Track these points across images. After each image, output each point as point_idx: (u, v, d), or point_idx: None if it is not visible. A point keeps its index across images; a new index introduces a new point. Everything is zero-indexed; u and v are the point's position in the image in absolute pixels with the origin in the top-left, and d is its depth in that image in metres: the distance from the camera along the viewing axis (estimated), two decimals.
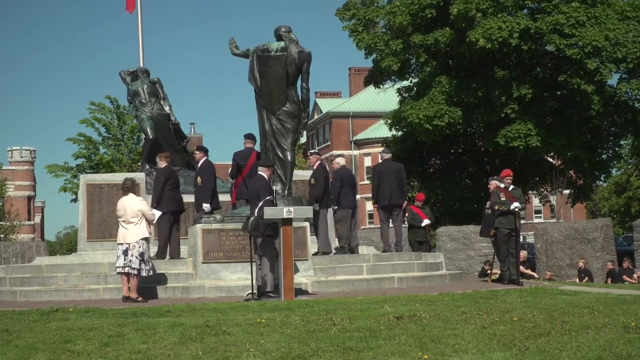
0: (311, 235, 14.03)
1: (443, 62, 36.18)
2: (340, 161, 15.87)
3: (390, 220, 16.36)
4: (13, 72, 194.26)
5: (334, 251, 15.32)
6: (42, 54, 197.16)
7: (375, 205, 16.64)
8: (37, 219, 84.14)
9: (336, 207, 15.19)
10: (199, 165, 14.94)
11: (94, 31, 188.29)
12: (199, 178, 14.64)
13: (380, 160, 16.05)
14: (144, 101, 17.94)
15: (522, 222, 15.91)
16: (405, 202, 16.71)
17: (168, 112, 18.15)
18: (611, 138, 37.21)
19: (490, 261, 18.01)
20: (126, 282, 12.35)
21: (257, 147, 15.35)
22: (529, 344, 7.08)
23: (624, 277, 20.46)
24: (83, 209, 16.76)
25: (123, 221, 12.53)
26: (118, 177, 16.86)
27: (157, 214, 13.76)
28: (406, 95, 37.40)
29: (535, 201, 50.21)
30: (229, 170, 15.11)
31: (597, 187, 54.58)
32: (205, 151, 15.09)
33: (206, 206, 14.42)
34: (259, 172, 12.71)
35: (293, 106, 14.24)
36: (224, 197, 16.36)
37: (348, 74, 75.48)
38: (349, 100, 70.82)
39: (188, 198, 16.68)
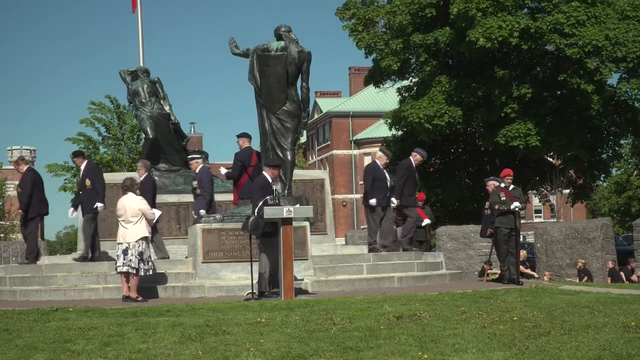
0: (311, 235, 14.04)
1: (443, 62, 36.17)
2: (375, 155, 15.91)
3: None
4: (13, 72, 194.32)
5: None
6: (42, 54, 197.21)
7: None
8: None
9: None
10: (83, 168, 15.09)
11: (94, 31, 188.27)
12: (87, 181, 14.79)
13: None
14: (144, 101, 17.95)
15: (522, 221, 15.88)
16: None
17: (168, 111, 18.16)
18: (611, 137, 37.18)
19: (489, 260, 17.98)
20: (126, 282, 12.35)
21: (253, 145, 15.34)
22: (528, 343, 7.08)
23: (624, 276, 20.46)
24: None
25: (123, 220, 12.53)
26: (118, 177, 16.86)
27: (157, 213, 13.77)
28: (406, 94, 37.39)
29: (535, 201, 50.19)
30: (231, 171, 15.12)
31: (597, 187, 54.57)
32: (83, 155, 15.39)
33: (100, 205, 14.63)
34: (263, 172, 12.74)
35: (293, 106, 14.25)
36: (226, 197, 16.38)
37: (348, 73, 75.45)
38: (348, 100, 70.80)
39: (189, 198, 16.70)
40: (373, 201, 15.19)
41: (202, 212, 14.60)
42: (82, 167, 15.15)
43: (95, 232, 14.99)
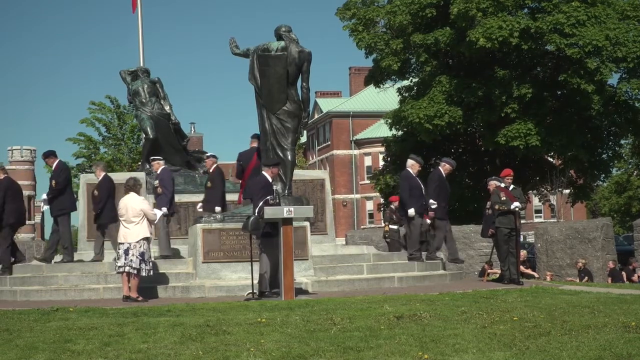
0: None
1: (443, 62, 36.18)
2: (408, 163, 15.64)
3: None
4: (13, 72, 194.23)
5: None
6: (42, 54, 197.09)
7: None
8: (37, 219, 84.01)
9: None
10: (53, 168, 15.40)
11: (94, 31, 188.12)
12: (53, 182, 15.17)
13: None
14: (144, 101, 17.95)
15: (522, 221, 15.88)
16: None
17: (168, 111, 18.16)
18: (611, 138, 37.19)
19: (490, 260, 17.99)
20: (126, 282, 12.34)
21: None
22: (529, 343, 7.08)
23: (625, 276, 20.46)
24: (83, 208, 16.75)
25: (124, 220, 12.52)
26: (118, 177, 16.84)
27: (159, 213, 13.77)
28: (406, 94, 37.40)
29: (536, 201, 50.21)
30: (235, 171, 15.18)
31: (597, 187, 54.56)
32: (55, 155, 15.66)
33: (44, 198, 15.36)
34: (262, 172, 12.75)
35: (293, 106, 14.24)
36: (233, 197, 16.42)
37: (348, 73, 75.53)
38: (349, 100, 70.82)
39: (189, 198, 16.71)
40: (411, 211, 15.01)
41: (164, 209, 14.66)
42: (53, 167, 15.30)
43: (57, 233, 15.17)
